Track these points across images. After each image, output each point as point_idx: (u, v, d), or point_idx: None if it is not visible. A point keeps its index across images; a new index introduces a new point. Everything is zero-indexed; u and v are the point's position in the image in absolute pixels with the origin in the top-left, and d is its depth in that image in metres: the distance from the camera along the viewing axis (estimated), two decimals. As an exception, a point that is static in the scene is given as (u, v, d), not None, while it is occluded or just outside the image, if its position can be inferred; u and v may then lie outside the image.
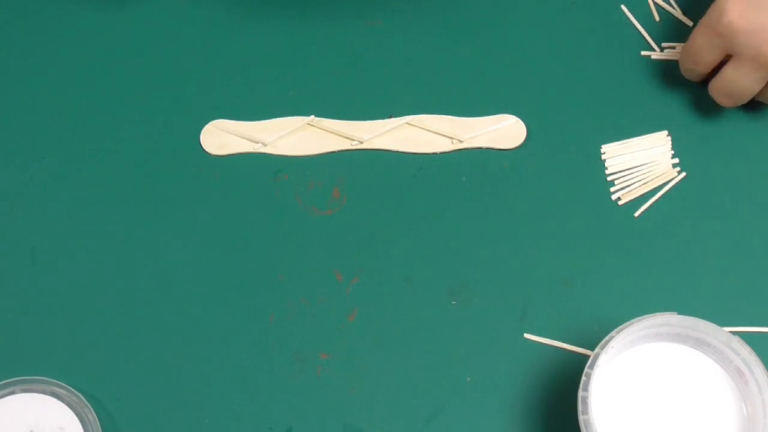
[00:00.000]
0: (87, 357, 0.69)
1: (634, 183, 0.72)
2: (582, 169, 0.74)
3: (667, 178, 0.73)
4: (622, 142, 0.74)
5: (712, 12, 0.69)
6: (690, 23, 0.77)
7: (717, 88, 0.71)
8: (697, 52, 0.71)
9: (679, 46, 0.76)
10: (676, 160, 0.73)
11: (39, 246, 0.72)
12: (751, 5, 0.67)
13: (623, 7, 0.78)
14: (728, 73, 0.70)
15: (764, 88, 0.70)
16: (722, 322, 0.62)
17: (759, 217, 0.72)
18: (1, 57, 0.78)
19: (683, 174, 0.73)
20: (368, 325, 0.69)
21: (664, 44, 0.77)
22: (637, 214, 0.72)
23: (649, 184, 0.72)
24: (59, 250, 0.72)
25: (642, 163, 0.73)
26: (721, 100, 0.72)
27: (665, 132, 0.74)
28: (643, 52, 0.77)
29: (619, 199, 0.72)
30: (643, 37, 0.77)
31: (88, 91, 0.77)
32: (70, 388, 0.66)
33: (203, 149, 0.75)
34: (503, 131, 0.75)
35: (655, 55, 0.77)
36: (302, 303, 0.70)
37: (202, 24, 0.79)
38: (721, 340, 0.62)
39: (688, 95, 0.75)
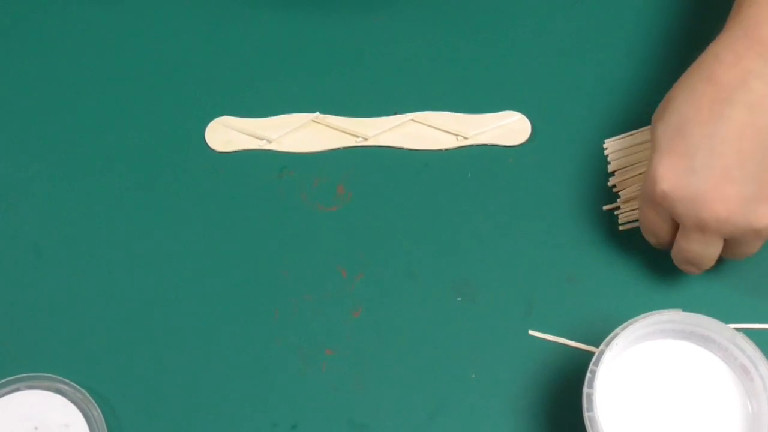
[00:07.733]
0: (91, 354, 0.69)
1: (634, 185, 0.72)
2: (587, 164, 0.73)
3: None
4: (622, 135, 0.74)
5: (647, 182, 0.63)
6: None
7: (676, 259, 0.66)
8: (652, 224, 0.65)
9: (620, 201, 0.71)
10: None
11: (43, 243, 0.72)
12: (683, 171, 0.61)
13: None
14: (680, 242, 0.64)
15: (725, 248, 0.64)
16: (727, 319, 0.62)
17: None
18: (3, 54, 0.79)
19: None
20: (373, 321, 0.69)
21: (605, 207, 0.72)
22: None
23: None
24: (63, 246, 0.72)
25: (641, 160, 0.73)
26: (685, 268, 0.66)
27: None
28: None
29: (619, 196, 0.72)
30: (644, 35, 0.77)
31: (92, 88, 0.77)
32: (74, 384, 0.66)
33: (208, 146, 0.75)
34: (508, 128, 0.75)
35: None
36: (307, 299, 0.70)
37: (207, 20, 0.79)
38: (726, 336, 0.62)
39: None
